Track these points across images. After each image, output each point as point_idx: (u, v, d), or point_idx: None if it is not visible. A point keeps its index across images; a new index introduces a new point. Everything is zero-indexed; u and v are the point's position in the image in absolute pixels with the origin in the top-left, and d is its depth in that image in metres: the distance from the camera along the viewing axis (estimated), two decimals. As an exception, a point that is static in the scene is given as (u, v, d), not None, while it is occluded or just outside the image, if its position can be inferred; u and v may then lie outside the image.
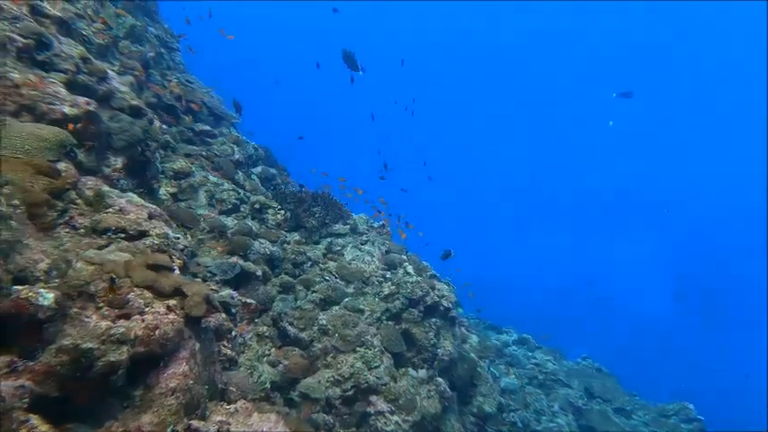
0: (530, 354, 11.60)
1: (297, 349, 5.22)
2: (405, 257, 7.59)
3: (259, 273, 5.56)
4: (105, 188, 3.31)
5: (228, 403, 2.68)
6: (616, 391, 10.52)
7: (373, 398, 5.54)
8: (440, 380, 6.32)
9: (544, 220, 51.43)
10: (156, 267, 2.68)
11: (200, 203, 6.11)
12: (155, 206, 3.52)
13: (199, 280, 4.70)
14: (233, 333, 3.74)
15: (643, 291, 41.79)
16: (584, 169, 53.47)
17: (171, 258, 3.37)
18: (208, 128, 8.49)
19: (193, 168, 6.23)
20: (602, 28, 45.42)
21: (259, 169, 9.47)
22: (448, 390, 6.37)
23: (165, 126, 6.06)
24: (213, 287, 4.89)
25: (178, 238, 3.75)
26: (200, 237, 5.41)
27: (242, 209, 7.19)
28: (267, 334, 5.17)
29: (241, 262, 5.38)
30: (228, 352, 3.40)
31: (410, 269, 6.99)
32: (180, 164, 6.03)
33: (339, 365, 5.54)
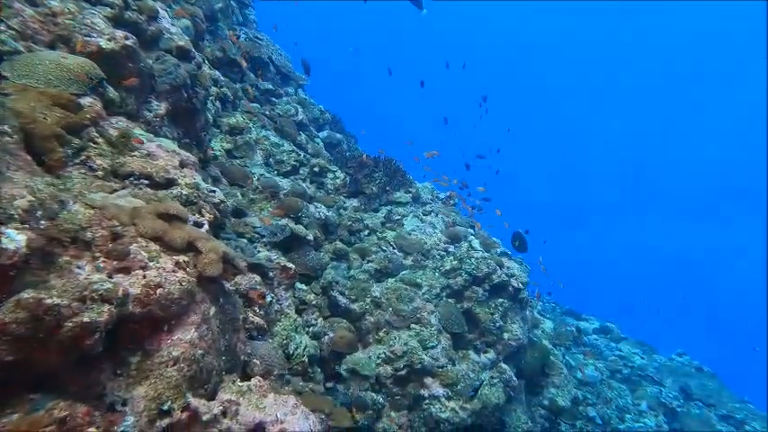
0: (613, 345, 10.33)
1: (344, 321, 4.82)
2: (471, 231, 6.86)
3: (310, 237, 5.20)
4: (136, 131, 3.03)
5: (243, 379, 2.29)
6: (721, 394, 8.96)
7: (428, 380, 5.04)
8: (505, 366, 5.64)
9: (643, 209, 49.30)
10: (169, 217, 2.32)
11: (256, 162, 5.85)
12: (188, 154, 3.20)
13: (244, 240, 4.43)
14: (268, 299, 3.39)
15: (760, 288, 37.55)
16: (685, 155, 49.40)
17: (200, 212, 3.04)
18: (273, 87, 8.25)
19: (251, 125, 5.96)
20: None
21: (325, 134, 9.13)
22: (514, 378, 5.68)
23: (222, 79, 5.80)
24: (260, 248, 4.61)
25: (213, 192, 3.42)
26: (251, 196, 5.14)
27: (301, 171, 6.88)
28: (315, 302, 4.83)
29: (292, 225, 5.04)
30: (258, 320, 3.04)
31: (476, 243, 6.26)
32: (236, 119, 5.78)
33: (392, 342, 5.08)
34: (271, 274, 3.76)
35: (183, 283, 2.15)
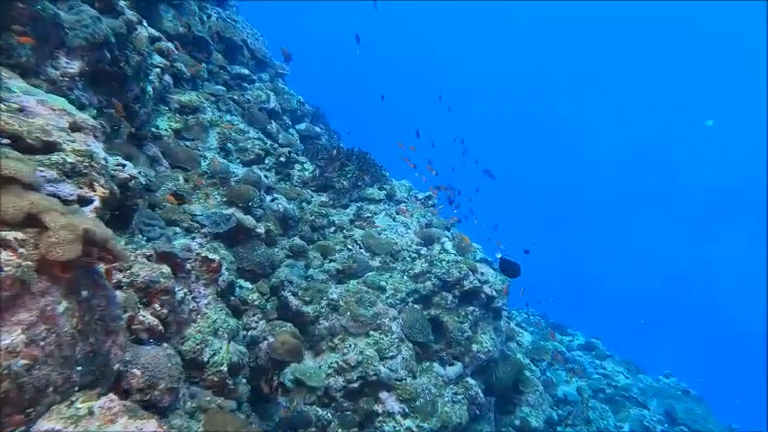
0: (597, 362, 9.81)
1: (288, 325, 4.27)
2: (447, 234, 6.34)
3: (261, 230, 4.66)
4: (13, 81, 2.48)
5: (84, 401, 1.74)
6: (708, 420, 8.45)
7: (383, 394, 4.50)
8: (471, 381, 5.11)
9: (633, 221, 48.54)
10: (2, 180, 1.77)
11: (210, 146, 5.32)
12: (86, 117, 2.66)
13: (177, 229, 3.88)
14: (178, 295, 2.82)
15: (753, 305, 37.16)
16: (676, 168, 49.23)
17: (91, 185, 2.49)
18: (246, 72, 7.72)
19: (206, 104, 5.42)
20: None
21: (303, 126, 8.61)
22: (481, 394, 5.15)
23: (175, 52, 5.25)
24: (199, 240, 4.06)
25: (123, 166, 2.89)
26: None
27: (267, 161, 6.36)
28: (258, 303, 4.28)
29: (239, 214, 4.50)
30: (151, 320, 2.49)
31: (449, 246, 5.74)
32: (189, 96, 5.24)
33: (346, 350, 4.54)
34: (188, 266, 3.22)
35: (7, 269, 1.61)
